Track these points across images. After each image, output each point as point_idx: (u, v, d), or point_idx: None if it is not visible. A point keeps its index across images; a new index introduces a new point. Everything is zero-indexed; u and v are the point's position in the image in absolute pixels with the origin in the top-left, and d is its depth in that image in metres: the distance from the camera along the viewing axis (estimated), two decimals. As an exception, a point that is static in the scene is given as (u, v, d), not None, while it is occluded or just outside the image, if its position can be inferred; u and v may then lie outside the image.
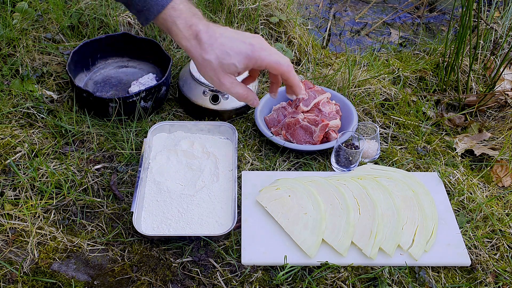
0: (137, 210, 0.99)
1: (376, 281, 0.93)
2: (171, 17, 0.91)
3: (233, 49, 0.91)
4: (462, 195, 1.12)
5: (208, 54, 0.91)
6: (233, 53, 0.91)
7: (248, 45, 0.91)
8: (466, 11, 1.30)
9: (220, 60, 0.91)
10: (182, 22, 0.92)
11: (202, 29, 0.91)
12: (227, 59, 0.91)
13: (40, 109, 1.23)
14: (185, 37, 0.92)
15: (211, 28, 0.92)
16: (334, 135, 1.20)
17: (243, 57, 0.91)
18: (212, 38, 0.91)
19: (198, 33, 0.91)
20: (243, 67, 0.92)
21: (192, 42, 0.92)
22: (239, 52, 0.91)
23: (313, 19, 2.01)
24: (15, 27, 1.44)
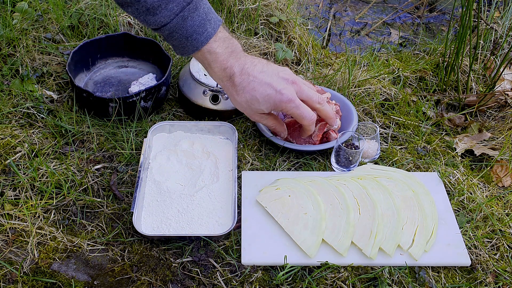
0: (137, 210, 0.99)
1: (376, 281, 0.93)
2: (207, 60, 0.98)
3: (262, 96, 0.98)
4: (462, 195, 1.12)
5: (239, 96, 0.99)
6: (263, 101, 0.98)
7: (279, 94, 0.98)
8: (466, 11, 1.30)
9: (249, 105, 1.00)
10: (217, 65, 0.98)
11: (236, 72, 0.97)
12: (255, 104, 0.99)
13: (40, 109, 1.23)
14: (219, 78, 1.00)
15: (245, 69, 0.98)
16: (334, 135, 1.20)
17: (271, 104, 0.99)
18: (244, 82, 0.97)
19: (232, 76, 0.98)
20: (270, 111, 1.02)
21: (225, 83, 1.00)
22: (268, 100, 0.98)
23: (313, 19, 2.01)
24: (15, 27, 1.44)
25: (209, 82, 1.24)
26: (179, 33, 0.94)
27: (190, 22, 0.93)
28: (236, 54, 0.99)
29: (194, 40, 0.95)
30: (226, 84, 1.00)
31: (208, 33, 0.95)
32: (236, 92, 0.99)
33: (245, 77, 0.97)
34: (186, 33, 0.94)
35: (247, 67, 0.98)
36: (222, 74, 0.98)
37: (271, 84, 0.97)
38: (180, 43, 0.96)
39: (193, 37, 0.94)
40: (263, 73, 0.98)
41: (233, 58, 0.98)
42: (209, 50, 0.96)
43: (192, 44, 0.95)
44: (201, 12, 0.94)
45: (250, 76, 0.97)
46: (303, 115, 1.01)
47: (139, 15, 0.94)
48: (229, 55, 0.98)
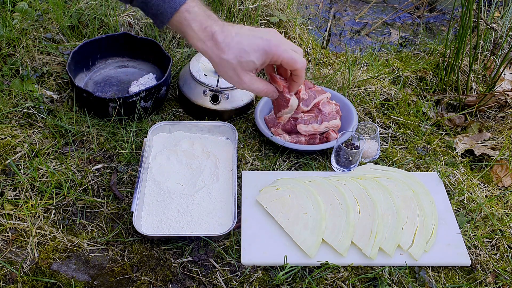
0: (137, 210, 0.99)
1: (376, 281, 0.93)
2: (186, 20, 0.92)
3: (250, 46, 0.92)
4: (462, 195, 1.12)
5: (225, 54, 0.92)
6: (251, 50, 0.92)
7: (265, 40, 0.93)
8: (466, 11, 1.30)
9: (238, 59, 0.92)
10: (197, 24, 0.92)
11: (217, 29, 0.92)
12: (245, 56, 0.92)
13: (40, 109, 1.23)
14: (200, 39, 0.93)
15: (226, 28, 0.93)
16: (334, 135, 1.20)
17: (261, 53, 0.92)
18: (228, 38, 0.92)
19: (213, 34, 0.92)
20: (261, 63, 0.94)
21: (208, 44, 0.93)
22: (257, 48, 0.92)
23: (313, 19, 2.01)
24: (15, 27, 1.44)
25: (209, 82, 1.24)
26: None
27: None
28: (213, 17, 0.95)
29: (171, 1, 0.91)
30: (208, 44, 0.93)
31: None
32: (221, 51, 0.92)
33: (227, 33, 0.92)
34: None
35: (226, 26, 0.93)
36: (203, 34, 0.92)
37: (255, 35, 0.93)
38: (158, 7, 0.92)
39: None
40: (244, 28, 0.94)
41: (211, 19, 0.93)
42: (187, 9, 0.92)
43: (170, 6, 0.91)
44: None
45: (232, 32, 0.92)
46: (294, 57, 0.95)
47: None
48: (208, 17, 0.93)
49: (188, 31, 0.93)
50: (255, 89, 0.98)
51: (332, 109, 1.24)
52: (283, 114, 1.08)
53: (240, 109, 1.28)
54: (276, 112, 1.09)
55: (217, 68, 0.95)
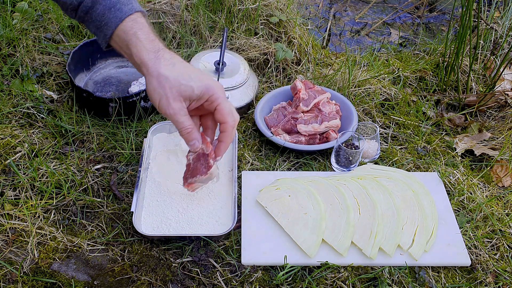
0: (137, 210, 0.99)
1: (376, 281, 0.93)
2: (132, 28, 0.87)
3: (195, 74, 0.87)
4: (462, 195, 1.12)
5: (167, 70, 0.85)
6: (195, 78, 0.86)
7: (210, 79, 0.88)
8: (466, 11, 1.30)
9: (179, 79, 0.85)
10: (144, 33, 0.87)
11: (164, 48, 0.88)
12: (186, 79, 0.85)
13: (40, 109, 1.23)
14: (146, 49, 0.86)
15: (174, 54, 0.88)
16: (334, 135, 1.20)
17: (203, 86, 0.86)
18: (175, 58, 0.87)
19: (160, 49, 0.87)
20: (198, 94, 0.87)
21: (151, 55, 0.86)
22: (201, 80, 0.87)
23: (313, 19, 2.01)
24: (15, 27, 1.44)
25: (209, 82, 1.24)
26: (103, 4, 0.86)
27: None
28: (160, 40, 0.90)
29: (117, 11, 0.86)
30: (151, 56, 0.85)
31: (133, 7, 0.87)
32: (164, 66, 0.85)
33: (173, 55, 0.87)
34: (110, 2, 0.86)
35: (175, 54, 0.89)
36: (150, 45, 0.86)
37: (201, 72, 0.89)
38: (103, 17, 0.86)
39: (116, 7, 0.86)
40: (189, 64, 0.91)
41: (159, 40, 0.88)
42: (134, 19, 0.87)
43: (115, 16, 0.86)
44: None
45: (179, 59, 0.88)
46: (232, 109, 0.89)
47: None
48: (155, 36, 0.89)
49: (133, 39, 0.86)
50: (180, 121, 0.87)
51: (332, 109, 1.24)
52: (197, 181, 0.95)
53: (240, 109, 1.28)
54: (189, 176, 0.96)
55: (150, 83, 0.86)
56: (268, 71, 1.44)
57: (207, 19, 1.49)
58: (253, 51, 1.43)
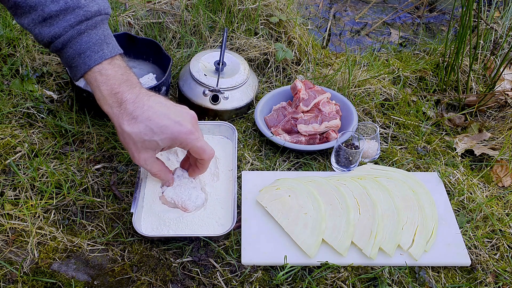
0: (137, 210, 0.99)
1: (376, 281, 0.93)
2: (96, 81, 0.88)
3: (159, 126, 0.87)
4: (462, 195, 1.12)
5: (130, 126, 0.86)
6: (158, 131, 0.87)
7: (177, 125, 0.88)
8: (466, 11, 1.30)
9: (142, 136, 0.87)
10: (107, 88, 0.87)
11: (129, 98, 0.87)
12: (149, 135, 0.87)
13: (40, 109, 1.23)
14: (107, 103, 0.88)
15: (140, 99, 0.88)
16: (334, 135, 1.20)
17: (168, 137, 0.88)
18: (138, 110, 0.87)
19: (123, 102, 0.87)
20: (165, 145, 0.90)
21: (114, 110, 0.87)
22: (165, 131, 0.87)
23: (313, 19, 2.01)
24: (15, 27, 1.44)
25: (209, 82, 1.24)
26: (73, 48, 0.87)
27: (85, 38, 0.87)
28: (131, 83, 0.89)
29: (87, 57, 0.87)
30: (115, 111, 0.87)
31: (104, 54, 0.88)
32: (127, 122, 0.86)
33: (139, 105, 0.86)
34: (80, 48, 0.87)
35: (141, 96, 0.88)
36: (112, 100, 0.87)
37: (168, 115, 0.88)
38: (72, 61, 0.88)
39: (86, 54, 0.87)
40: (159, 104, 0.88)
41: (127, 85, 0.88)
42: (100, 71, 0.87)
43: (84, 62, 0.87)
44: (99, 32, 0.89)
45: (145, 106, 0.87)
46: (204, 147, 0.92)
47: (34, 27, 0.87)
48: (123, 82, 0.88)
49: (97, 93, 0.88)
50: (148, 169, 0.94)
51: (332, 109, 1.24)
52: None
53: (240, 109, 1.28)
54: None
55: (119, 135, 0.90)
56: (268, 71, 1.44)
57: (207, 19, 1.49)
58: (253, 51, 1.43)
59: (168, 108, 0.89)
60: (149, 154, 0.91)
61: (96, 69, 0.87)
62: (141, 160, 0.91)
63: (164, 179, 0.99)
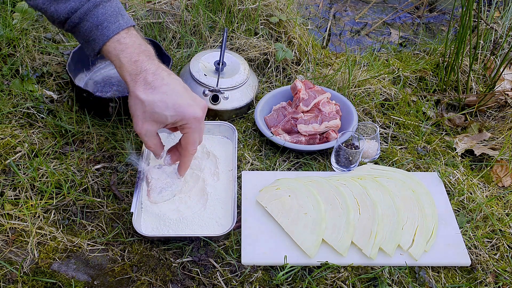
0: (137, 211, 0.99)
1: (376, 281, 0.93)
2: (115, 50, 0.88)
3: (174, 102, 0.88)
4: (462, 195, 1.12)
5: (145, 94, 0.87)
6: (172, 107, 0.88)
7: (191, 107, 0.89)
8: (466, 11, 1.30)
9: (153, 107, 0.87)
10: (126, 56, 0.88)
11: (149, 68, 0.88)
12: (161, 108, 0.88)
13: (40, 109, 1.23)
14: (127, 70, 0.88)
15: (160, 72, 0.89)
16: (334, 135, 1.20)
17: (178, 115, 0.89)
18: (157, 82, 0.88)
19: (143, 70, 0.88)
20: (172, 122, 0.90)
21: (132, 78, 0.88)
22: (178, 109, 0.88)
23: (313, 19, 2.01)
24: (15, 27, 1.44)
25: (209, 82, 1.24)
26: (90, 21, 0.87)
27: (101, 10, 0.87)
28: (150, 54, 0.90)
29: (105, 29, 0.87)
30: (132, 78, 0.88)
31: (120, 24, 0.88)
32: (143, 89, 0.87)
33: (158, 77, 0.88)
34: (97, 20, 0.87)
35: (161, 71, 0.89)
36: (131, 67, 0.87)
37: (184, 96, 0.89)
38: (90, 34, 0.88)
39: (104, 25, 0.87)
40: (179, 83, 0.90)
41: (145, 55, 0.89)
42: (119, 40, 0.88)
43: (102, 34, 0.87)
44: (113, 4, 0.89)
45: (165, 80, 0.88)
46: (195, 140, 0.93)
47: (49, 5, 0.87)
48: (142, 51, 0.89)
49: (116, 62, 0.89)
50: (144, 140, 0.94)
51: (332, 109, 1.24)
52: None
53: (240, 109, 1.28)
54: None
55: (130, 100, 0.90)
56: (268, 71, 1.44)
57: (207, 19, 1.49)
58: (253, 51, 1.43)
59: (186, 89, 0.91)
60: (153, 127, 0.91)
61: (115, 38, 0.88)
62: (143, 130, 0.91)
63: (157, 154, 1.00)
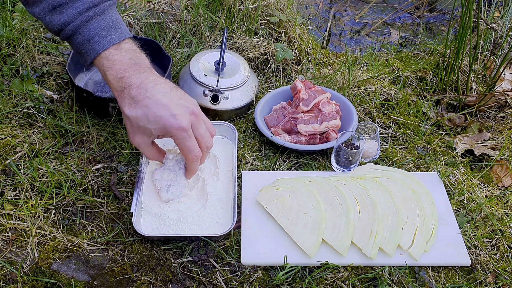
0: (137, 211, 0.99)
1: (376, 281, 0.93)
2: (103, 67, 0.92)
3: (154, 115, 0.89)
4: (462, 195, 1.12)
5: (130, 110, 0.90)
6: (153, 120, 0.90)
7: (171, 117, 0.90)
8: (466, 11, 1.30)
9: (137, 121, 0.91)
10: (113, 73, 0.91)
11: (133, 83, 0.90)
12: (144, 122, 0.90)
13: (40, 109, 1.23)
14: (114, 87, 0.92)
15: (145, 84, 0.90)
16: (334, 135, 1.20)
17: (160, 127, 0.90)
18: (139, 96, 0.90)
19: (127, 86, 0.90)
20: (158, 134, 0.93)
21: (119, 93, 0.92)
22: (159, 121, 0.90)
23: (313, 19, 2.01)
24: (15, 27, 1.44)
25: (209, 82, 1.24)
26: (82, 35, 0.91)
27: (94, 24, 0.90)
28: (139, 67, 0.92)
29: (95, 43, 0.90)
30: (119, 94, 0.92)
31: (112, 39, 0.91)
32: (128, 105, 0.90)
33: (141, 91, 0.89)
34: (89, 34, 0.90)
35: (147, 82, 0.90)
36: (117, 84, 0.91)
37: (167, 106, 0.89)
38: (82, 47, 0.92)
39: (94, 40, 0.90)
40: (163, 93, 0.90)
41: (133, 70, 0.91)
42: (107, 56, 0.91)
43: (93, 48, 0.90)
44: (107, 18, 0.92)
45: (148, 92, 0.89)
46: (190, 148, 0.94)
47: (44, 15, 0.91)
48: (130, 66, 0.91)
49: (105, 77, 0.93)
50: (141, 151, 0.99)
51: (332, 109, 1.24)
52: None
53: (240, 109, 1.28)
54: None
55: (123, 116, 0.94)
56: (268, 71, 1.44)
57: (207, 19, 1.49)
58: (253, 51, 1.43)
59: (170, 100, 0.91)
60: (144, 139, 0.95)
61: (103, 55, 0.91)
62: (135, 142, 0.96)
63: (159, 161, 1.05)
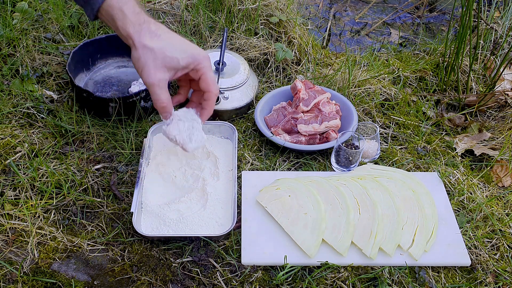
0: (137, 211, 0.99)
1: (376, 281, 0.93)
2: (118, 3, 0.87)
3: (180, 45, 0.89)
4: (462, 195, 1.12)
5: (152, 41, 0.87)
6: (180, 49, 0.89)
7: (196, 49, 0.90)
8: (466, 11, 1.30)
9: (164, 51, 0.87)
10: (130, 8, 0.88)
11: (151, 20, 0.89)
12: (171, 51, 0.88)
13: (40, 109, 1.23)
14: (131, 22, 0.87)
15: (161, 25, 0.90)
16: (334, 135, 1.20)
17: (188, 56, 0.89)
18: (160, 31, 0.88)
19: (146, 21, 0.88)
20: (184, 65, 0.89)
21: (136, 28, 0.87)
22: (186, 50, 0.89)
23: (313, 19, 2.01)
24: (15, 27, 1.44)
25: (209, 82, 1.24)
26: None
27: None
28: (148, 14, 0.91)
29: None
30: (136, 29, 0.87)
31: None
32: (149, 37, 0.86)
33: (161, 27, 0.89)
34: None
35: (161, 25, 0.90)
36: (135, 18, 0.87)
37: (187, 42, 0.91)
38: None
39: None
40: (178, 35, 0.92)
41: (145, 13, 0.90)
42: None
43: None
44: None
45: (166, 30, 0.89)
46: (214, 79, 0.93)
47: None
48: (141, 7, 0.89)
49: (119, 14, 0.87)
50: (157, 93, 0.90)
51: (332, 109, 1.24)
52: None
53: (240, 109, 1.28)
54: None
55: (136, 54, 0.88)
56: (268, 71, 1.44)
57: (207, 19, 1.49)
58: (253, 51, 1.43)
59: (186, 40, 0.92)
60: (165, 76, 0.89)
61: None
62: (156, 79, 0.88)
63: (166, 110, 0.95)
